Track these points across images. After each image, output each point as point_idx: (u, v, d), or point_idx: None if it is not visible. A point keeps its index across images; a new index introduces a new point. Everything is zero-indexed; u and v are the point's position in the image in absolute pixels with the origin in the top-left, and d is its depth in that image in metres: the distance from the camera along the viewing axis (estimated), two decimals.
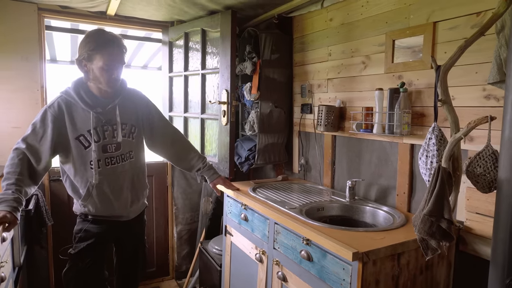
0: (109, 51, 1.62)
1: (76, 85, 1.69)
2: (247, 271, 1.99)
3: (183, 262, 3.10)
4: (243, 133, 2.75)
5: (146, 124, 1.90)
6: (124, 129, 1.78)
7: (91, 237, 1.76)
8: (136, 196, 1.86)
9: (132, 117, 1.82)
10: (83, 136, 1.68)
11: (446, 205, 1.08)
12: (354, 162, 2.06)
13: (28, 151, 1.62)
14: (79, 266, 1.75)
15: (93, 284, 1.78)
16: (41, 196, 2.33)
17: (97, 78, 1.65)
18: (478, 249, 1.43)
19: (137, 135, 1.84)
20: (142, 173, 1.91)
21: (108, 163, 1.73)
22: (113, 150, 1.74)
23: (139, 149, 1.88)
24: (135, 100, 1.86)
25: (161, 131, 1.95)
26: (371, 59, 1.90)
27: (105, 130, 1.72)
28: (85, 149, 1.69)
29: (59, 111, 1.65)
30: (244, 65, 2.51)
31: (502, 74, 1.20)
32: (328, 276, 1.40)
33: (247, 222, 1.98)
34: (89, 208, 1.75)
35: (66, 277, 1.76)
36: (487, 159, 1.06)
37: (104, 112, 1.71)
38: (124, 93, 1.79)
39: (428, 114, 1.64)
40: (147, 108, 1.91)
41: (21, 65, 2.38)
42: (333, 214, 1.88)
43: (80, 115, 1.68)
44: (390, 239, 1.36)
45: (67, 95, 1.68)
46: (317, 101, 2.29)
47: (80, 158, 1.69)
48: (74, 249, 1.75)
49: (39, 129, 1.64)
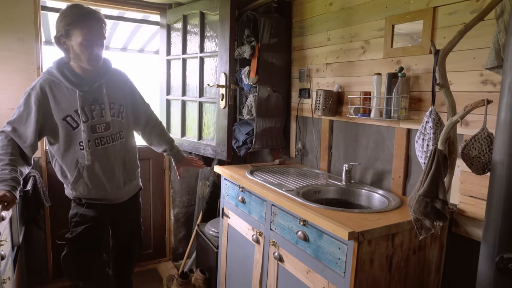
0: (87, 25, 1.55)
1: (58, 64, 1.64)
2: (244, 252, 2.02)
3: (180, 244, 3.14)
4: (241, 117, 2.76)
5: (131, 105, 1.88)
6: (113, 109, 1.75)
7: (87, 221, 1.75)
8: (128, 176, 1.85)
9: (120, 96, 1.80)
10: (70, 117, 1.65)
11: (441, 186, 1.11)
12: (351, 146, 2.09)
13: (13, 134, 1.62)
14: (77, 250, 1.75)
15: (93, 267, 1.80)
16: (38, 178, 2.34)
17: (77, 55, 1.60)
18: (470, 231, 1.47)
19: (126, 115, 1.82)
20: (133, 154, 1.90)
21: (98, 144, 1.71)
22: (103, 130, 1.72)
23: (129, 129, 1.86)
24: (121, 80, 1.84)
25: (141, 114, 1.96)
26: (370, 44, 1.90)
27: (92, 109, 1.68)
28: (74, 130, 1.66)
29: (42, 93, 1.61)
30: (242, 49, 2.50)
31: (500, 59, 1.22)
32: (324, 256, 1.43)
33: (244, 204, 2.00)
34: (80, 191, 1.74)
35: (65, 261, 1.76)
36: (482, 142, 1.09)
37: (90, 91, 1.67)
38: (109, 72, 1.76)
39: (426, 99, 1.66)
40: (131, 89, 1.90)
41: (17, 46, 2.36)
42: (330, 197, 1.91)
43: (65, 95, 1.64)
44: (385, 220, 1.39)
45: (50, 75, 1.64)
46: (315, 86, 2.30)
47: (68, 140, 1.67)
48: (71, 234, 1.75)
49: (23, 112, 1.62)
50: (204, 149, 2.57)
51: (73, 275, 1.80)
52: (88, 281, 1.83)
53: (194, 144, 2.67)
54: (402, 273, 1.44)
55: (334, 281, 1.38)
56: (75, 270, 1.77)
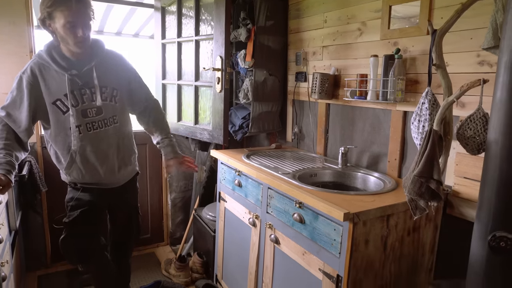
0: (68, 6, 1.49)
1: (48, 47, 1.61)
2: (241, 236, 2.04)
3: (177, 229, 3.16)
4: (237, 102, 2.74)
5: (125, 88, 1.82)
6: (105, 93, 1.70)
7: (83, 205, 1.75)
8: (123, 161, 1.83)
9: (113, 80, 1.74)
10: (60, 101, 1.62)
11: (436, 166, 1.11)
12: (347, 130, 2.08)
13: (8, 119, 1.61)
14: (75, 234, 1.75)
15: (91, 250, 1.81)
16: (34, 163, 2.33)
17: (63, 38, 1.56)
18: (464, 212, 1.48)
19: (120, 99, 1.78)
20: (128, 138, 1.86)
21: (90, 129, 1.68)
22: (94, 115, 1.68)
23: (123, 114, 1.82)
24: (115, 62, 1.78)
25: (138, 98, 1.88)
26: (367, 26, 1.88)
27: (83, 93, 1.65)
28: (63, 114, 1.64)
29: (33, 76, 1.59)
30: (238, 31, 2.47)
31: (497, 39, 1.20)
32: (319, 237, 1.45)
33: (241, 188, 2.01)
34: (74, 176, 1.73)
35: (63, 245, 1.77)
36: (477, 122, 1.08)
37: (80, 75, 1.63)
38: (101, 55, 1.70)
39: (422, 81, 1.65)
40: (128, 72, 1.83)
41: (8, 30, 2.31)
42: (326, 180, 1.92)
43: (54, 79, 1.61)
44: (380, 202, 1.40)
45: (40, 58, 1.61)
46: (312, 69, 2.28)
47: (59, 124, 1.65)
48: (68, 218, 1.75)
49: (16, 97, 1.60)
50: (200, 134, 2.56)
51: (72, 259, 1.82)
52: (88, 264, 1.85)
53: (190, 128, 2.66)
54: (397, 254, 1.46)
55: (330, 262, 1.40)
56: (74, 253, 1.78)
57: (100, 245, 1.85)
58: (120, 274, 2.01)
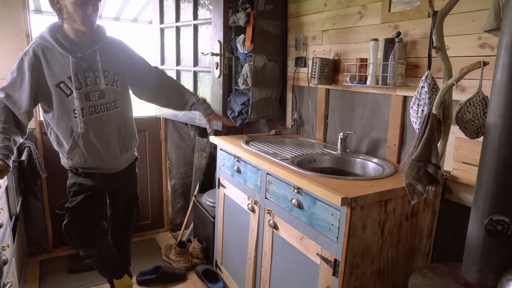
0: None
1: (51, 29, 1.60)
2: (240, 221, 2.05)
3: (177, 215, 3.18)
4: (237, 87, 2.72)
5: (130, 73, 1.82)
6: (107, 77, 1.70)
7: (86, 190, 1.76)
8: (124, 146, 1.83)
9: (115, 65, 1.75)
10: (64, 83, 1.61)
11: (434, 150, 1.10)
12: (347, 115, 2.07)
13: (7, 101, 1.59)
14: (78, 218, 1.76)
15: (94, 235, 1.82)
16: (33, 149, 2.33)
17: (71, 15, 1.55)
18: (463, 197, 1.48)
19: (121, 84, 1.77)
20: (129, 123, 1.86)
21: (92, 112, 1.68)
22: (97, 98, 1.68)
23: (125, 99, 1.82)
24: (115, 47, 1.78)
25: (145, 77, 1.88)
26: (367, 9, 1.85)
27: (86, 77, 1.64)
28: (67, 97, 1.63)
29: (35, 58, 1.57)
30: (237, 16, 2.43)
31: (499, 21, 1.18)
32: (317, 222, 1.45)
33: (240, 173, 2.01)
34: (76, 160, 1.72)
35: (66, 230, 1.78)
36: (477, 105, 1.07)
37: (84, 58, 1.63)
38: (104, 39, 1.71)
39: (422, 65, 1.62)
40: (129, 56, 1.83)
41: (3, 13, 2.28)
42: (324, 166, 1.91)
43: (58, 61, 1.60)
44: (378, 187, 1.40)
45: (43, 40, 1.59)
46: (312, 54, 2.25)
47: (62, 107, 1.64)
48: (71, 203, 1.76)
49: (16, 78, 1.58)
50: (199, 120, 2.55)
51: (76, 243, 1.83)
52: (91, 248, 1.87)
53: (189, 114, 2.64)
54: (394, 238, 1.46)
55: (327, 247, 1.40)
56: (77, 238, 1.80)
57: (102, 229, 1.87)
58: (120, 258, 2.03)
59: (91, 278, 2.41)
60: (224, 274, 2.29)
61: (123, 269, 2.07)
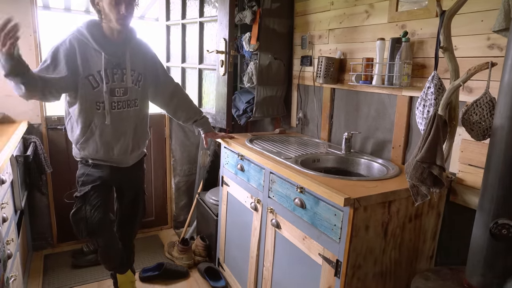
0: None
1: (89, 25, 1.69)
2: (243, 220, 2.04)
3: (181, 212, 3.18)
4: (242, 86, 2.71)
5: (151, 76, 1.91)
6: (132, 76, 1.80)
7: (94, 181, 1.81)
8: (137, 144, 1.90)
9: (140, 65, 1.84)
10: (93, 76, 1.70)
11: (439, 152, 1.08)
12: (352, 115, 2.05)
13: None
14: (86, 207, 1.80)
15: (100, 223, 1.83)
16: (39, 144, 2.34)
17: (107, 15, 1.65)
18: (468, 200, 1.46)
19: (143, 84, 1.86)
20: (145, 123, 1.94)
21: (114, 107, 1.76)
22: (121, 94, 1.77)
23: (143, 99, 1.90)
24: (143, 50, 1.88)
25: (163, 85, 1.98)
26: (374, 8, 1.83)
27: (114, 73, 1.74)
28: (93, 89, 1.71)
29: (71, 47, 1.65)
30: (243, 13, 2.42)
31: (509, 21, 1.15)
32: (320, 222, 1.44)
33: (243, 172, 2.00)
34: (89, 151, 1.78)
35: (74, 218, 1.82)
36: (483, 107, 1.05)
37: (115, 55, 1.72)
38: (134, 40, 1.81)
39: (429, 66, 1.60)
40: (153, 60, 1.94)
41: (11, 8, 2.29)
42: (328, 165, 1.90)
43: (91, 55, 1.69)
44: (382, 188, 1.38)
45: (79, 34, 1.68)
46: (318, 53, 2.24)
47: (87, 99, 1.71)
48: (80, 192, 1.81)
49: (49, 65, 1.63)
50: None
51: (82, 232, 1.85)
52: (97, 237, 1.89)
53: None
54: (397, 240, 1.45)
55: (329, 247, 1.39)
56: (85, 226, 1.82)
57: (109, 220, 1.90)
58: (125, 253, 2.04)
59: (94, 273, 2.42)
60: (226, 272, 2.29)
61: (127, 264, 2.08)
